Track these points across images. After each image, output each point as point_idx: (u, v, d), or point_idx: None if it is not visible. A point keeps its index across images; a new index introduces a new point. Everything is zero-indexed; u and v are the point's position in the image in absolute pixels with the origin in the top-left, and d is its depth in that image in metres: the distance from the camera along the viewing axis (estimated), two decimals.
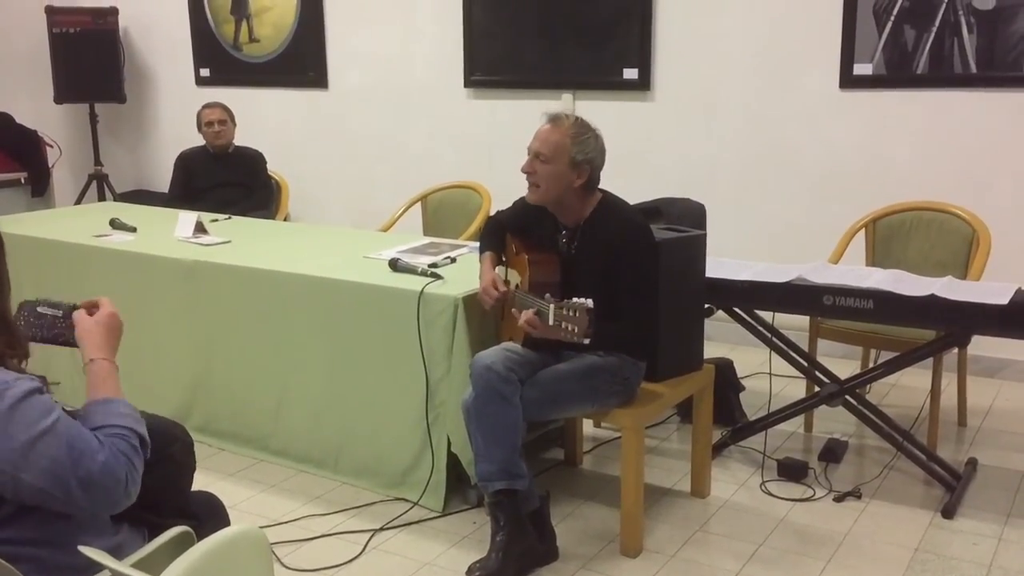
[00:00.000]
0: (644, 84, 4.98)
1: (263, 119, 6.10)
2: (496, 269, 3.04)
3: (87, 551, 1.60)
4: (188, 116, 5.50)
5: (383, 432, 3.29)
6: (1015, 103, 4.21)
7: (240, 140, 5.40)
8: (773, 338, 3.45)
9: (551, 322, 2.60)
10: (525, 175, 2.88)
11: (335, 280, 3.35)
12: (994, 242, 3.75)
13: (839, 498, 3.25)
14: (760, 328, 3.45)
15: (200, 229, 4.09)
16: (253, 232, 4.32)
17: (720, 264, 3.39)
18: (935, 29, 4.27)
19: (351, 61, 5.94)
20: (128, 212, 4.66)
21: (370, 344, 3.27)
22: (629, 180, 3.69)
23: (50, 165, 6.60)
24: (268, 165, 5.46)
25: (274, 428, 3.57)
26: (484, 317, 3.10)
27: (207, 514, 2.07)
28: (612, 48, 5.03)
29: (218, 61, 6.43)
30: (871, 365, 3.98)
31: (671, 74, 4.95)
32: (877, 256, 4.02)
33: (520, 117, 4.47)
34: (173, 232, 4.10)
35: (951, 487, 3.24)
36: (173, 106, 6.70)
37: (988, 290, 3.02)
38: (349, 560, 2.91)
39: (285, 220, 5.47)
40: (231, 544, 1.60)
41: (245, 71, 6.31)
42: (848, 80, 4.50)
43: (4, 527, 1.64)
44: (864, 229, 4.05)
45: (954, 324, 3.08)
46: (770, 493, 3.31)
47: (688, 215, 3.63)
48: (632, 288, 2.81)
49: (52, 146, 6.61)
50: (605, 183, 2.96)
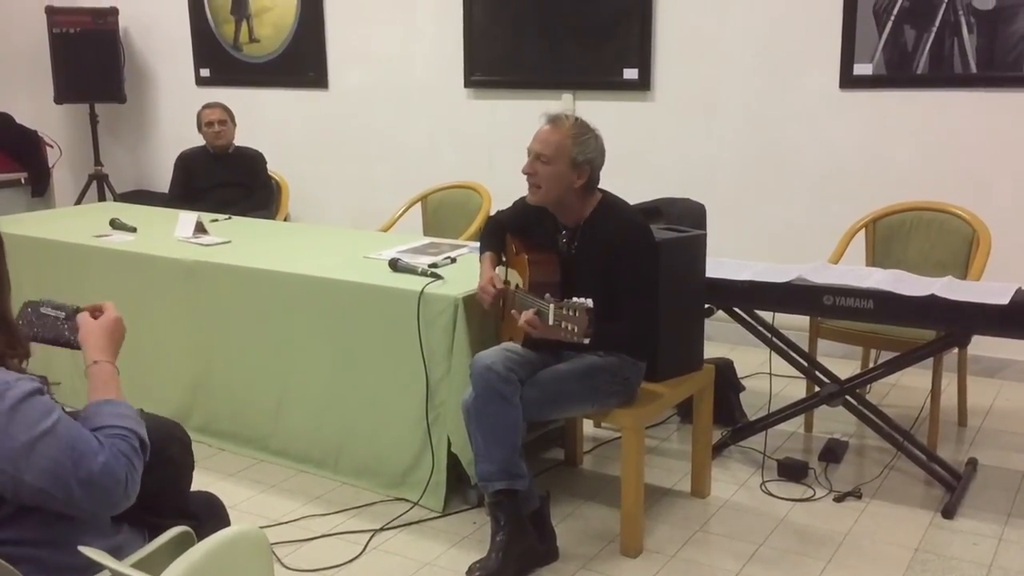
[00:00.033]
0: (644, 84, 4.98)
1: (263, 119, 6.10)
2: (496, 269, 3.04)
3: (87, 551, 1.60)
4: (188, 116, 5.50)
5: (383, 432, 3.30)
6: (1015, 103, 4.21)
7: (240, 140, 5.40)
8: (773, 338, 3.45)
9: (551, 322, 2.60)
10: (526, 176, 2.89)
11: (335, 280, 3.35)
12: (994, 242, 3.75)
13: (839, 498, 3.25)
14: (760, 328, 3.45)
15: (200, 229, 4.09)
16: (253, 232, 4.32)
17: (720, 264, 3.39)
18: (935, 29, 4.27)
19: (351, 61, 5.94)
20: (128, 212, 4.66)
21: (370, 344, 3.27)
22: (629, 180, 3.69)
23: (50, 165, 6.60)
24: (268, 165, 5.46)
25: (274, 428, 3.57)
26: (484, 317, 3.10)
27: (207, 514, 2.08)
28: (612, 48, 5.03)
29: (218, 61, 6.43)
30: (871, 365, 3.98)
31: (671, 74, 4.95)
32: (877, 256, 4.02)
33: (520, 117, 4.47)
34: (173, 232, 4.10)
35: (951, 487, 3.24)
36: (173, 106, 6.70)
37: (988, 290, 3.01)
38: (349, 560, 2.91)
39: (285, 220, 5.47)
40: (231, 544, 1.60)
41: (245, 71, 6.31)
42: (848, 80, 4.50)
43: (4, 527, 1.64)
44: (864, 229, 4.06)
45: (954, 324, 3.08)
46: (770, 493, 3.31)
47: (688, 215, 3.63)
48: (632, 288, 2.81)
49: (52, 146, 6.60)
50: (605, 183, 2.96)
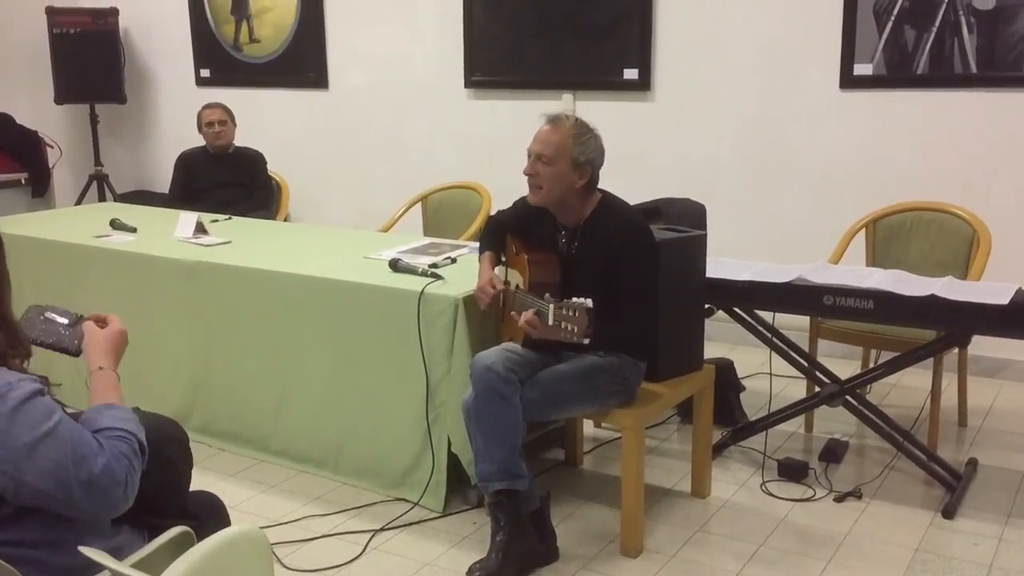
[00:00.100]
0: (644, 84, 4.98)
1: (263, 119, 6.10)
2: (496, 269, 3.04)
3: (87, 552, 1.60)
4: (188, 116, 5.50)
5: (383, 432, 3.30)
6: (1015, 103, 4.21)
7: (240, 140, 5.41)
8: (773, 338, 3.45)
9: (551, 322, 2.60)
10: (527, 177, 2.88)
11: (335, 280, 3.35)
12: (994, 242, 3.75)
13: (839, 498, 3.25)
14: (760, 328, 3.45)
15: (200, 229, 4.09)
16: (253, 232, 4.32)
17: (720, 264, 3.39)
18: (935, 29, 4.27)
19: (351, 61, 5.94)
20: (128, 212, 4.66)
21: (370, 344, 3.27)
22: (629, 180, 3.69)
23: (50, 166, 6.59)
24: (268, 165, 5.47)
25: (274, 428, 3.57)
26: (484, 317, 3.10)
27: (207, 514, 2.07)
28: (612, 48, 5.03)
29: (218, 61, 6.43)
30: (871, 365, 3.98)
31: (671, 74, 4.95)
32: (877, 256, 4.02)
33: (520, 117, 4.47)
34: (173, 233, 4.10)
35: (951, 487, 3.24)
36: (173, 107, 6.70)
37: (988, 290, 3.01)
38: (349, 560, 2.91)
39: (285, 220, 5.47)
40: (231, 544, 1.60)
41: (245, 71, 6.31)
42: (848, 80, 4.50)
43: (4, 528, 1.64)
44: (864, 229, 4.06)
45: (954, 324, 3.08)
46: (770, 493, 3.31)
47: (688, 215, 3.63)
48: (632, 288, 2.81)
49: (52, 147, 6.60)
50: (605, 183, 2.96)
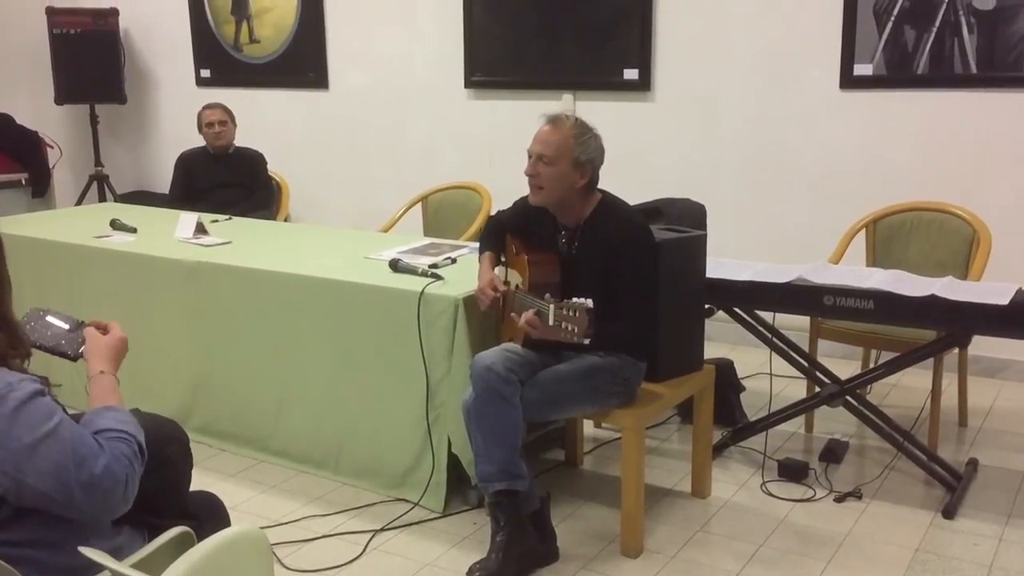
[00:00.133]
0: (644, 84, 4.98)
1: (263, 120, 6.10)
2: (496, 269, 3.04)
3: (87, 552, 1.60)
4: (188, 117, 5.50)
5: (383, 433, 3.30)
6: (1015, 103, 4.21)
7: (240, 141, 5.41)
8: (773, 338, 3.45)
9: (551, 322, 2.60)
10: (528, 178, 2.88)
11: (336, 281, 3.35)
12: (994, 242, 3.75)
13: (840, 498, 3.25)
14: (760, 328, 3.45)
15: (200, 230, 4.09)
16: (254, 233, 4.32)
17: (720, 264, 3.39)
18: (935, 29, 4.27)
19: (351, 62, 5.94)
20: (129, 213, 4.65)
21: (371, 345, 3.27)
22: (629, 180, 3.69)
23: (51, 166, 6.59)
24: (268, 166, 5.47)
25: (275, 429, 3.57)
26: (484, 318, 3.10)
27: (207, 514, 2.08)
28: (612, 48, 5.03)
29: (218, 62, 6.44)
30: (872, 365, 3.98)
31: (671, 74, 4.95)
32: (877, 256, 4.02)
33: (520, 118, 4.47)
34: (174, 233, 4.10)
35: (952, 487, 3.24)
36: (173, 107, 6.71)
37: (988, 290, 3.01)
38: (350, 561, 2.91)
39: (285, 221, 5.47)
40: (231, 545, 1.60)
41: (245, 72, 6.31)
42: (848, 80, 4.50)
43: (4, 529, 1.64)
44: (864, 229, 4.05)
45: (954, 324, 3.08)
46: (771, 493, 3.30)
47: (688, 215, 3.63)
48: (632, 288, 2.81)
49: (53, 147, 6.60)
50: (605, 183, 2.96)
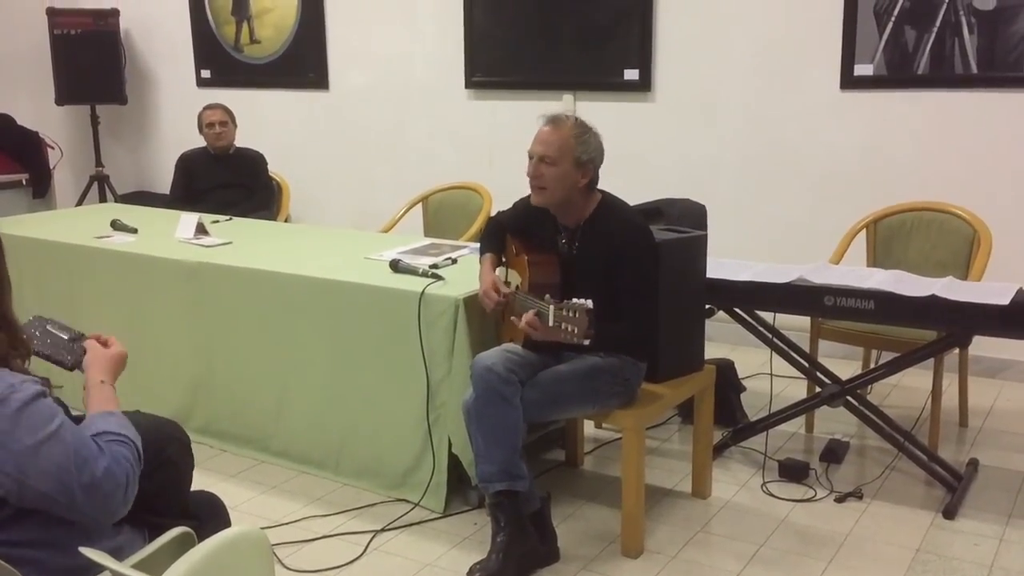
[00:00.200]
0: (645, 85, 4.98)
1: (264, 120, 6.10)
2: (496, 270, 3.04)
3: (88, 552, 1.60)
4: (189, 117, 5.50)
5: (384, 433, 3.29)
6: (1016, 103, 4.20)
7: (241, 141, 5.41)
8: (774, 339, 3.45)
9: (551, 323, 2.59)
10: (530, 179, 2.88)
11: (336, 281, 3.35)
12: (995, 242, 3.75)
13: (840, 499, 3.25)
14: (761, 329, 3.45)
15: (201, 230, 4.10)
16: (254, 233, 4.32)
17: (721, 264, 3.39)
18: (936, 30, 4.27)
19: (352, 62, 5.94)
20: (129, 213, 4.65)
21: (371, 345, 3.27)
22: (630, 181, 3.69)
23: (51, 166, 6.60)
24: (269, 166, 5.47)
25: (275, 429, 3.57)
26: (485, 318, 3.10)
27: (208, 514, 2.08)
28: (613, 49, 5.03)
29: (219, 62, 6.44)
30: (872, 366, 3.98)
31: (672, 75, 4.95)
32: (878, 256, 4.02)
33: (521, 118, 4.47)
34: (174, 233, 4.10)
35: (952, 488, 3.24)
36: (174, 107, 6.71)
37: (989, 290, 3.01)
38: (350, 561, 2.91)
39: (286, 221, 5.47)
40: (232, 545, 1.60)
41: (246, 72, 6.32)
42: (849, 81, 4.50)
43: (4, 528, 1.64)
44: (865, 229, 4.05)
45: (955, 324, 3.08)
46: (771, 494, 3.30)
47: (689, 216, 3.63)
48: (632, 289, 2.81)
49: (53, 147, 6.60)
50: (605, 183, 2.96)
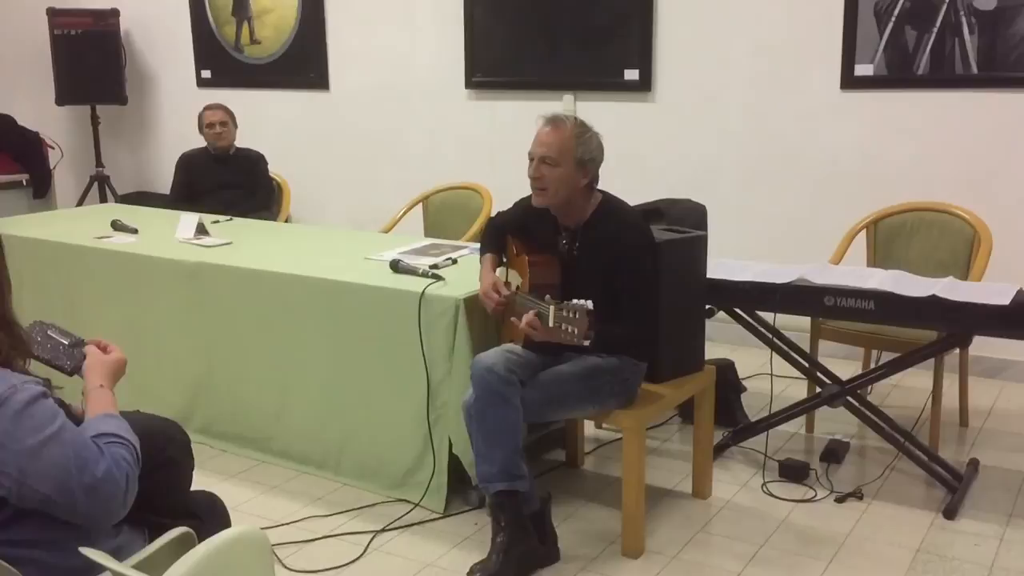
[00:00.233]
0: (645, 85, 4.98)
1: (264, 120, 6.10)
2: (496, 270, 3.04)
3: (88, 552, 1.61)
4: (189, 118, 5.50)
5: (384, 433, 3.29)
6: (1016, 103, 4.20)
7: (241, 142, 5.40)
8: (774, 339, 3.45)
9: (551, 324, 2.59)
10: (532, 180, 2.88)
11: (336, 281, 3.35)
12: (995, 242, 3.74)
13: (840, 499, 3.25)
14: (761, 329, 3.45)
15: (201, 230, 4.10)
16: (254, 233, 4.32)
17: (721, 265, 3.39)
18: (936, 30, 4.27)
19: (352, 62, 5.94)
20: (130, 213, 4.66)
21: (371, 345, 3.27)
22: (630, 181, 3.69)
23: (52, 167, 6.60)
24: (269, 166, 5.47)
25: (275, 429, 3.57)
26: (485, 318, 3.10)
27: (208, 514, 2.08)
28: (613, 49, 5.03)
29: (219, 63, 6.44)
30: (872, 366, 3.98)
31: (672, 75, 4.95)
32: (878, 257, 4.02)
33: (521, 118, 4.47)
34: (174, 233, 4.10)
35: (953, 488, 3.24)
36: (174, 108, 6.71)
37: (989, 291, 3.01)
38: (350, 561, 2.91)
39: (286, 221, 5.47)
40: (232, 545, 1.60)
41: (246, 72, 6.32)
42: (849, 81, 4.50)
43: (4, 528, 1.64)
44: (865, 230, 4.05)
45: (955, 325, 3.08)
46: (771, 494, 3.30)
47: (689, 216, 3.63)
48: (632, 290, 2.81)
49: (53, 148, 6.61)
50: (605, 184, 2.96)
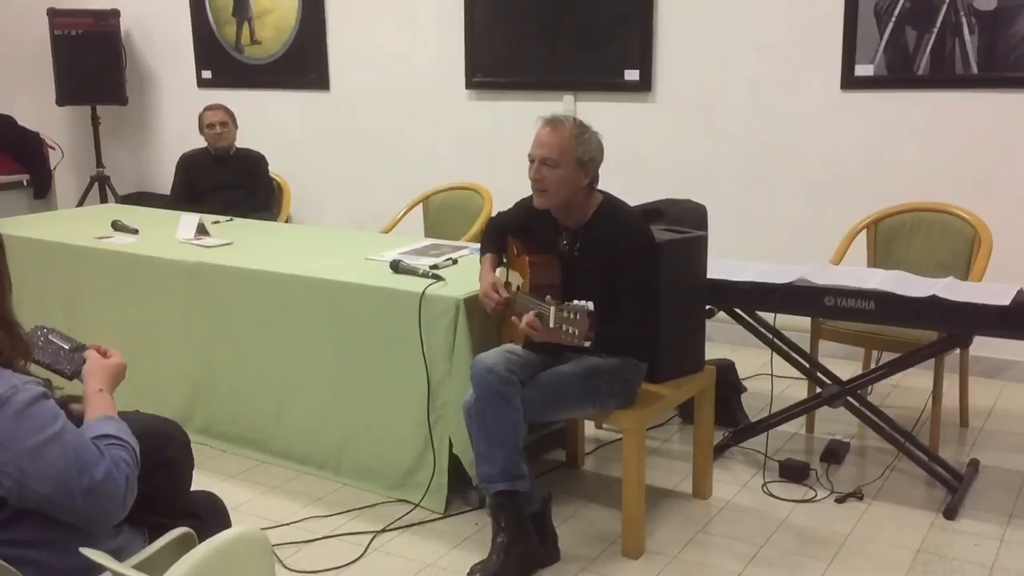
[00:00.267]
0: (645, 85, 4.98)
1: (265, 121, 6.10)
2: (497, 271, 3.04)
3: (88, 552, 1.61)
4: (190, 118, 5.50)
5: (385, 434, 3.30)
6: (1016, 104, 4.20)
7: (242, 142, 5.41)
8: (775, 339, 3.45)
9: (551, 324, 2.59)
10: (532, 182, 2.88)
11: (337, 282, 3.35)
12: (996, 243, 3.74)
13: (841, 499, 3.25)
14: (761, 329, 3.45)
15: (202, 231, 4.10)
16: (255, 233, 4.32)
17: (721, 265, 3.39)
18: (936, 30, 4.27)
19: (352, 63, 5.94)
20: (130, 214, 4.66)
21: (371, 346, 3.27)
22: (630, 181, 3.69)
23: (52, 167, 6.60)
24: (269, 167, 5.47)
25: (276, 430, 3.57)
26: (485, 319, 3.10)
27: (208, 514, 2.08)
28: (613, 49, 5.02)
29: (220, 63, 6.44)
30: (873, 366, 3.98)
31: (672, 75, 4.95)
32: (879, 257, 4.02)
33: (521, 119, 4.47)
34: (175, 234, 4.10)
35: (953, 488, 3.24)
36: (175, 108, 6.71)
37: (989, 291, 3.01)
38: (351, 562, 2.91)
39: (287, 221, 5.47)
40: (232, 546, 1.60)
41: (247, 73, 6.32)
42: (849, 81, 4.50)
43: (5, 529, 1.64)
44: (866, 230, 4.05)
45: (956, 325, 3.08)
46: (772, 494, 3.30)
47: (689, 216, 3.63)
48: (633, 290, 2.81)
49: (54, 148, 6.61)
50: (606, 184, 2.96)
